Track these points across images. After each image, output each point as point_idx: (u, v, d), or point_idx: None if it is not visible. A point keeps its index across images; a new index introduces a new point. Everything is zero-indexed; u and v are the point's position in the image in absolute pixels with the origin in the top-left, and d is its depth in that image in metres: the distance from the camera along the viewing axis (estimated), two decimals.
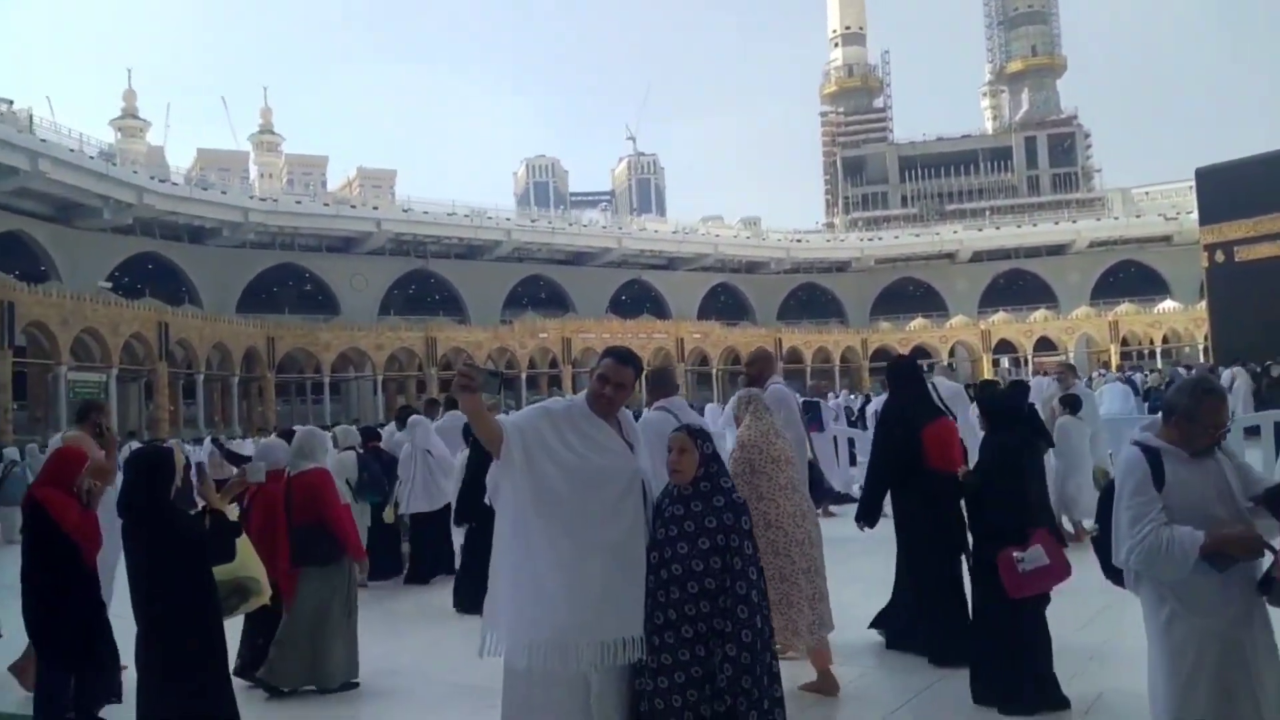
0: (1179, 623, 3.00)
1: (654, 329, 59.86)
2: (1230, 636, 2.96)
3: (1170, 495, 2.99)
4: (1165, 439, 3.07)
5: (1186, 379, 3.20)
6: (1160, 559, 2.92)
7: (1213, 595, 2.96)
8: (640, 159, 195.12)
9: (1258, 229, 24.46)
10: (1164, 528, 2.93)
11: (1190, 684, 2.97)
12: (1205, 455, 3.05)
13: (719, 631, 3.12)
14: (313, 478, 5.75)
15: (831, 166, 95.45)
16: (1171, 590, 3.01)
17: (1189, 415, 3.02)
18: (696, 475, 3.25)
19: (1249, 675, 2.96)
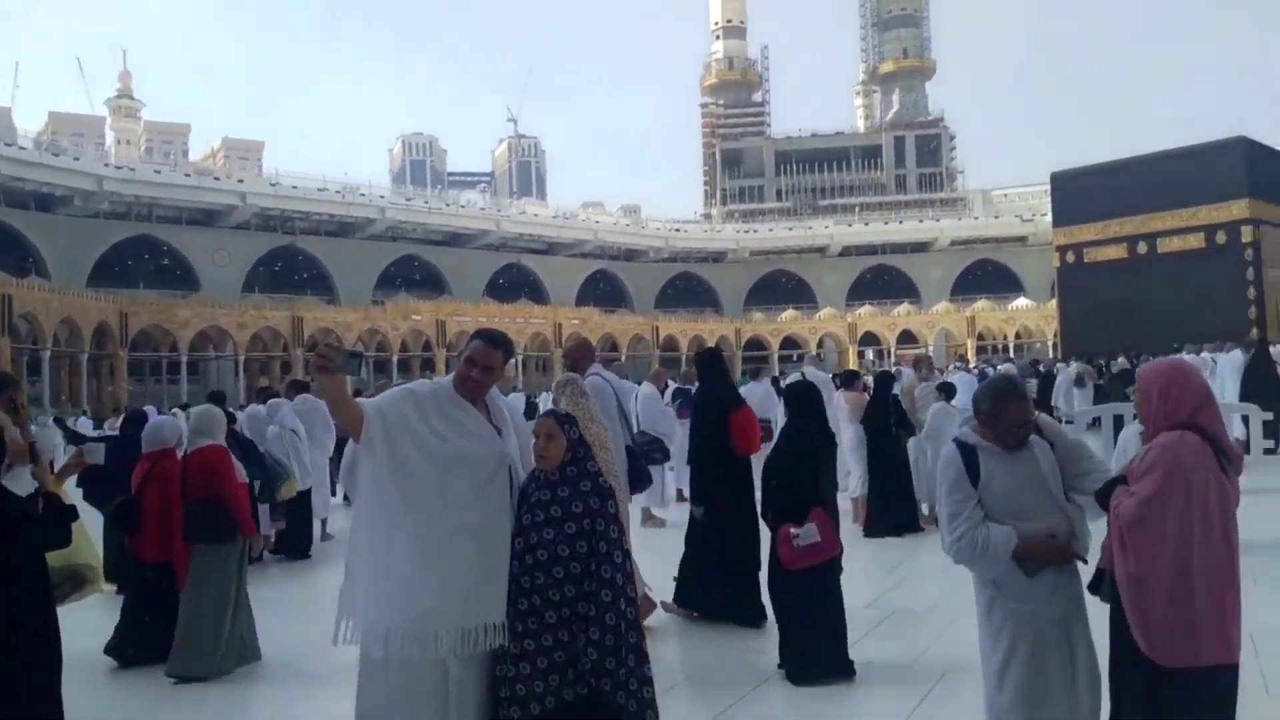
0: (998, 606, 3.18)
1: (531, 314, 59.50)
2: (1045, 620, 3.12)
3: (986, 488, 3.14)
4: (981, 436, 3.21)
5: (989, 381, 3.33)
6: (975, 557, 3.09)
7: (1028, 582, 3.12)
8: (521, 141, 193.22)
9: (1106, 232, 25.99)
10: (979, 527, 3.09)
11: (1006, 664, 3.13)
12: (1019, 448, 3.19)
13: (583, 615, 3.12)
14: (209, 455, 5.71)
15: (710, 158, 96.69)
16: (999, 580, 3.16)
17: (994, 416, 3.17)
18: (563, 460, 3.23)
19: (1063, 658, 3.12)
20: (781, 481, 5.10)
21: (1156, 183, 24.63)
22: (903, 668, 5.21)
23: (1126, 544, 2.84)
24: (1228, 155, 23.91)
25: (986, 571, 3.15)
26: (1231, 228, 23.65)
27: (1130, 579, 2.84)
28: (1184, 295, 23.29)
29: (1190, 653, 2.75)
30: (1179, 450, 2.81)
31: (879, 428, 9.45)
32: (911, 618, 6.27)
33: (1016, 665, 3.11)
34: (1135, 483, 2.88)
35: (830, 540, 4.85)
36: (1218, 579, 2.77)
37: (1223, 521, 2.79)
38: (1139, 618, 2.82)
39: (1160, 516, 2.79)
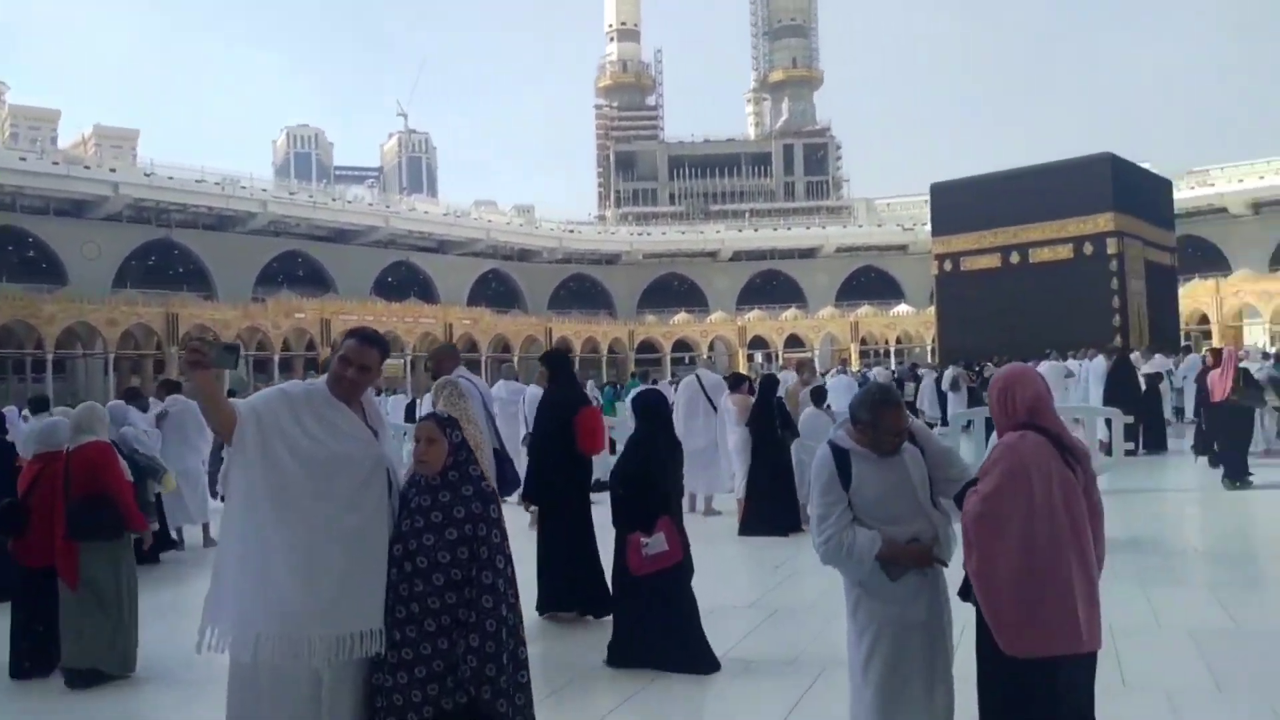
0: (863, 606, 3.27)
1: (421, 313, 58.33)
2: (907, 622, 3.21)
3: (857, 492, 3.22)
4: (856, 441, 3.29)
5: (865, 390, 3.41)
6: (841, 559, 3.18)
7: (892, 584, 3.21)
8: (412, 136, 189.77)
9: (981, 242, 27.03)
10: (846, 531, 3.17)
11: (868, 662, 3.23)
12: (891, 454, 3.27)
13: (463, 622, 3.07)
14: (91, 451, 5.59)
15: (605, 160, 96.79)
16: (865, 581, 3.25)
17: (871, 424, 3.25)
18: (445, 465, 3.15)
19: (924, 661, 3.22)
20: (630, 489, 5.25)
21: (1028, 195, 25.75)
22: (784, 664, 5.30)
23: (971, 540, 2.95)
24: (1094, 170, 25.17)
25: (851, 573, 3.23)
26: (1098, 239, 24.89)
27: (977, 574, 2.94)
28: (1054, 303, 24.40)
29: (1040, 643, 2.84)
30: (1019, 448, 2.93)
31: (763, 430, 9.61)
32: (792, 615, 6.39)
33: (877, 664, 3.20)
34: (980, 482, 3.00)
35: (675, 548, 5.07)
36: (1064, 570, 2.86)
37: (1068, 514, 2.90)
38: (989, 611, 2.92)
39: (1002, 512, 2.89)
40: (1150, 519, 9.42)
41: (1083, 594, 2.89)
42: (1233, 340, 48.61)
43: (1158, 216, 28.26)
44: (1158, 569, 7.25)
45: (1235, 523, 9.59)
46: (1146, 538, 8.45)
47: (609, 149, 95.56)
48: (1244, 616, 5.85)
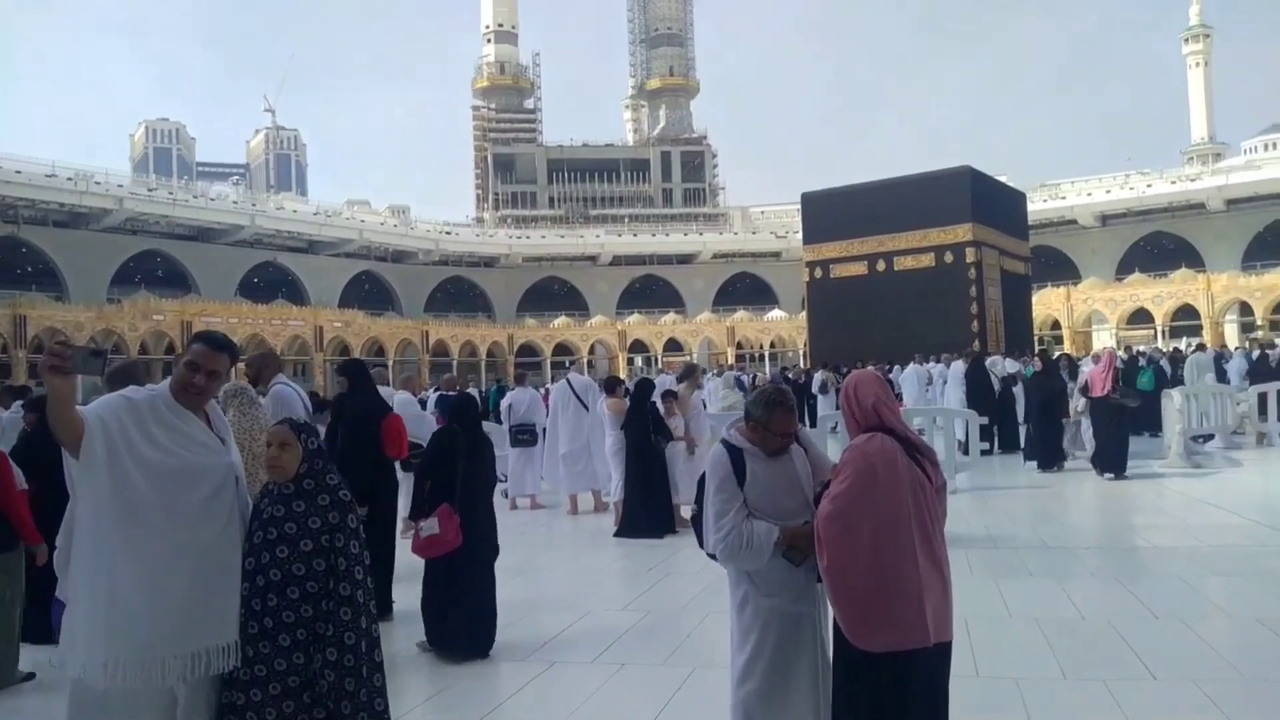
0: (751, 602, 3.32)
1: (289, 315, 56.34)
2: (792, 613, 3.30)
3: (750, 489, 3.29)
4: (748, 439, 3.37)
5: (761, 390, 3.50)
6: (741, 551, 3.22)
7: (780, 577, 3.28)
8: (280, 133, 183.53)
9: (849, 250, 27.89)
10: (745, 523, 3.22)
11: (755, 657, 3.29)
12: (781, 453, 3.38)
13: (321, 635, 2.97)
14: None
15: (482, 161, 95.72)
16: (747, 573, 3.32)
17: (764, 424, 3.34)
18: (299, 472, 3.05)
19: (811, 654, 3.32)
20: (425, 482, 5.70)
21: (893, 206, 26.74)
22: (658, 664, 5.35)
23: (823, 539, 3.04)
24: (954, 183, 26.34)
25: (750, 564, 3.25)
26: (957, 249, 26.04)
27: (829, 571, 3.03)
28: (917, 309, 25.40)
29: (890, 638, 2.95)
30: (867, 449, 3.05)
31: (638, 433, 9.69)
32: (666, 617, 6.46)
33: (764, 659, 3.26)
34: (832, 483, 3.11)
35: (452, 534, 5.36)
36: (912, 567, 2.97)
37: (917, 511, 3.01)
38: (841, 607, 3.02)
39: (851, 511, 3.00)
40: (1004, 515, 9.90)
41: (932, 589, 3.00)
42: (1081, 345, 51.65)
43: (1013, 227, 29.76)
44: (1010, 562, 7.63)
45: (1083, 518, 10.18)
46: (1000, 533, 8.89)
47: (487, 151, 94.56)
48: (1088, 607, 6.21)
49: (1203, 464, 13.29)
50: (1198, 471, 12.68)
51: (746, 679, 3.29)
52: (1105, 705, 4.40)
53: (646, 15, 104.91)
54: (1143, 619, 5.81)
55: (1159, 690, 4.59)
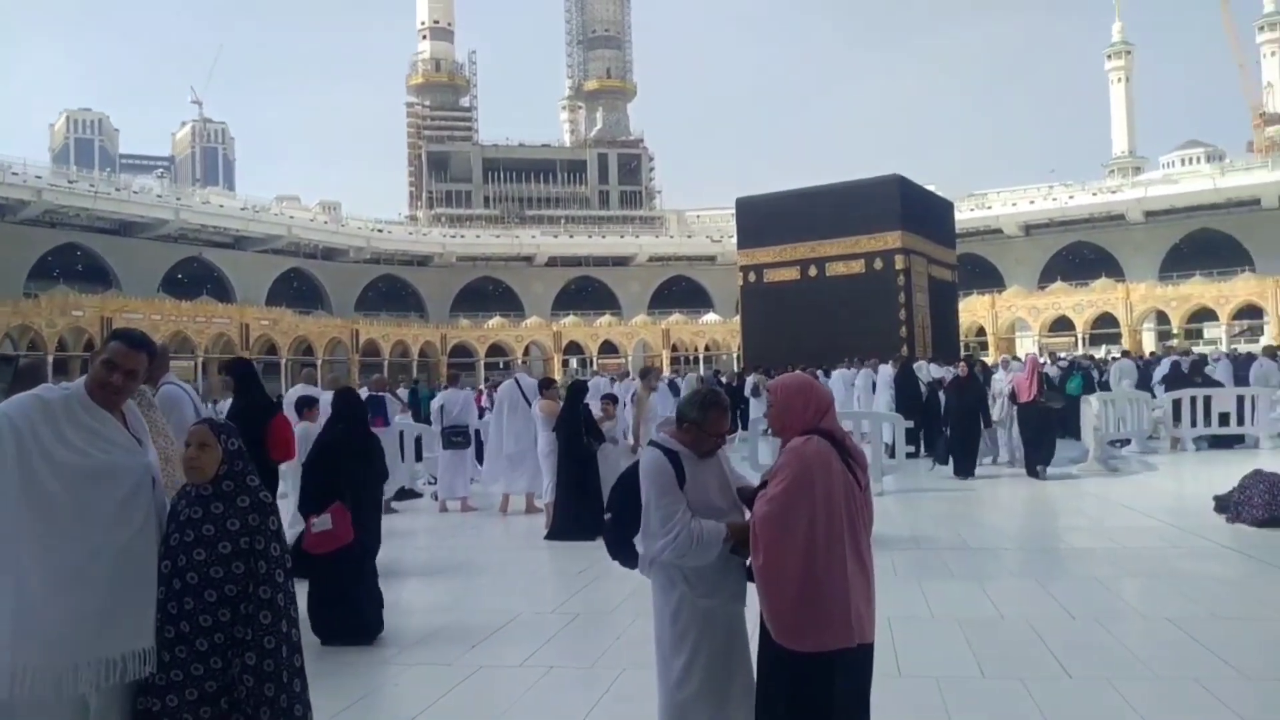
0: (686, 606, 3.30)
1: (214, 313, 54.97)
2: (726, 612, 3.33)
3: (689, 492, 3.28)
4: (680, 441, 3.37)
5: (695, 392, 3.50)
6: (694, 549, 3.19)
7: (717, 578, 3.29)
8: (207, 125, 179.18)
9: (782, 255, 28.19)
10: (694, 523, 3.21)
11: (693, 661, 3.27)
12: (709, 455, 3.40)
13: (239, 640, 2.90)
14: None
15: (417, 159, 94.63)
16: (683, 575, 3.29)
17: (699, 424, 3.35)
18: (218, 473, 2.97)
19: (741, 649, 3.36)
20: (314, 479, 5.90)
21: (825, 212, 27.11)
22: (585, 667, 5.34)
23: (760, 539, 3.07)
24: (884, 191, 26.80)
25: (699, 560, 3.23)
26: (887, 255, 26.49)
27: (763, 570, 3.06)
28: (848, 315, 25.78)
29: (818, 638, 2.99)
30: (804, 451, 3.08)
31: (570, 435, 9.66)
32: (596, 619, 6.45)
33: (703, 662, 3.26)
34: (769, 484, 3.14)
35: (344, 530, 5.58)
36: (842, 568, 3.02)
37: (848, 514, 3.06)
38: (773, 608, 3.06)
39: (788, 512, 3.03)
40: (928, 517, 10.10)
41: (859, 591, 3.05)
42: (1005, 350, 52.98)
43: (941, 235, 30.39)
44: (933, 564, 7.79)
45: (1004, 520, 10.43)
46: (924, 535, 9.07)
47: (421, 149, 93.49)
48: (1007, 607, 6.36)
49: (1119, 468, 13.72)
50: (1114, 475, 13.09)
51: (685, 683, 3.27)
52: (1023, 704, 4.51)
53: (584, 16, 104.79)
54: (1060, 619, 5.97)
55: (1074, 689, 4.72)
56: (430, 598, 7.45)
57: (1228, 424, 15.47)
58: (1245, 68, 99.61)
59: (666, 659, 3.34)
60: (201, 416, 5.56)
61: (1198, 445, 15.65)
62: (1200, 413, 15.58)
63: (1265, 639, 5.48)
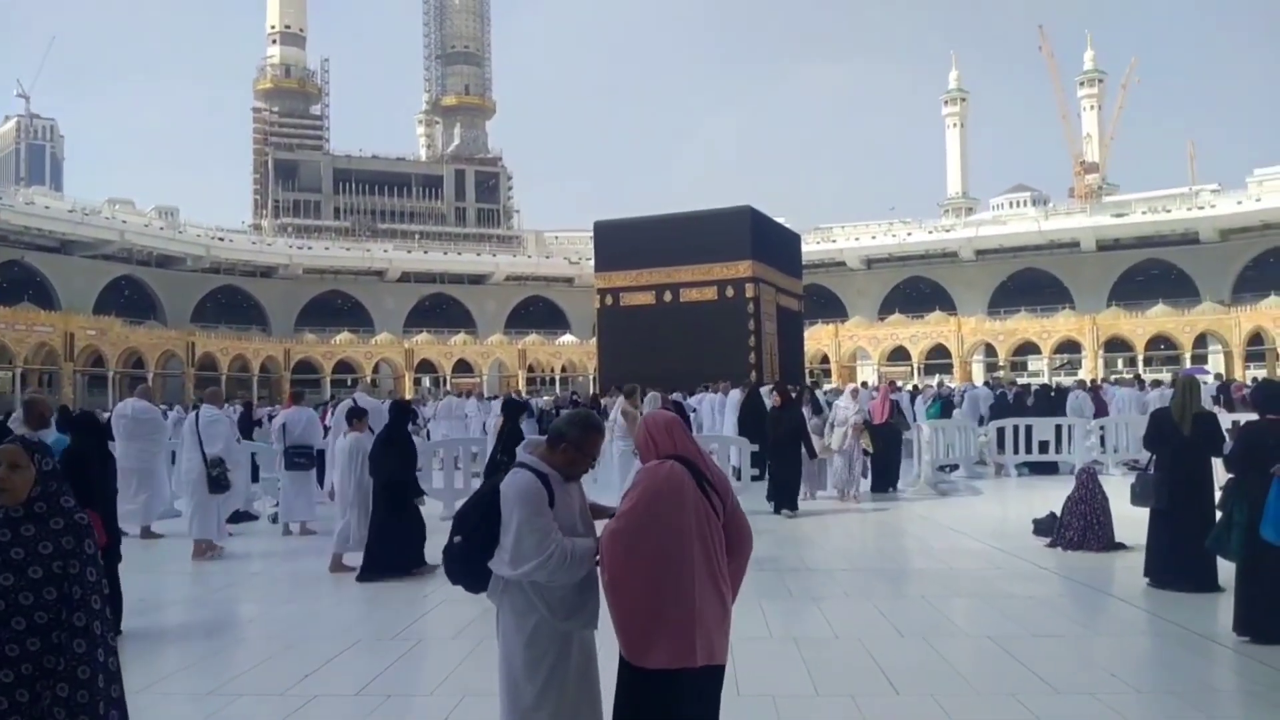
0: (545, 628, 3.27)
1: (36, 320, 51.21)
2: (581, 636, 3.36)
3: (556, 514, 3.25)
4: (550, 463, 3.34)
5: (574, 413, 3.52)
6: (565, 567, 3.18)
7: (575, 600, 3.30)
8: (35, 121, 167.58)
9: (639, 280, 28.49)
10: (566, 541, 3.21)
11: (549, 683, 3.25)
12: (575, 478, 3.42)
13: (50, 670, 2.69)
14: None
15: (262, 166, 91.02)
16: (543, 598, 3.26)
17: (577, 445, 3.35)
18: (31, 495, 2.78)
19: (591, 670, 3.38)
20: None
21: (680, 239, 27.62)
22: (424, 695, 5.22)
23: (606, 556, 3.13)
24: (736, 221, 27.52)
25: (568, 579, 3.22)
26: (738, 284, 27.18)
27: (609, 586, 3.12)
28: (700, 340, 26.27)
29: (663, 656, 3.05)
30: (656, 473, 3.16)
31: None
32: (437, 645, 6.33)
33: (556, 685, 3.25)
34: (621, 502, 3.21)
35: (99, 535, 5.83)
36: (690, 589, 3.07)
37: (700, 537, 3.12)
38: (618, 623, 3.11)
39: (635, 531, 3.09)
40: (769, 539, 10.37)
41: (710, 612, 3.11)
42: (848, 379, 55.13)
43: (789, 266, 31.44)
44: (773, 584, 8.00)
45: (840, 541, 10.81)
46: (765, 555, 9.30)
47: (268, 156, 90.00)
48: (841, 625, 6.60)
49: (947, 491, 14.48)
50: (942, 498, 13.81)
51: (538, 708, 3.25)
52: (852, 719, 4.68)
53: (443, 31, 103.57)
54: (889, 637, 6.24)
55: (901, 704, 4.93)
56: (264, 625, 7.13)
57: (1046, 451, 16.56)
58: (1068, 119, 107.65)
59: (517, 683, 3.29)
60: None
61: (1019, 471, 16.68)
62: (1021, 441, 16.62)
63: (1077, 655, 5.88)
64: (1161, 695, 5.11)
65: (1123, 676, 5.33)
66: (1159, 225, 68.87)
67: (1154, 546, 7.54)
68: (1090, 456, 16.33)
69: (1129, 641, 6.24)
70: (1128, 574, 8.08)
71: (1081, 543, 9.31)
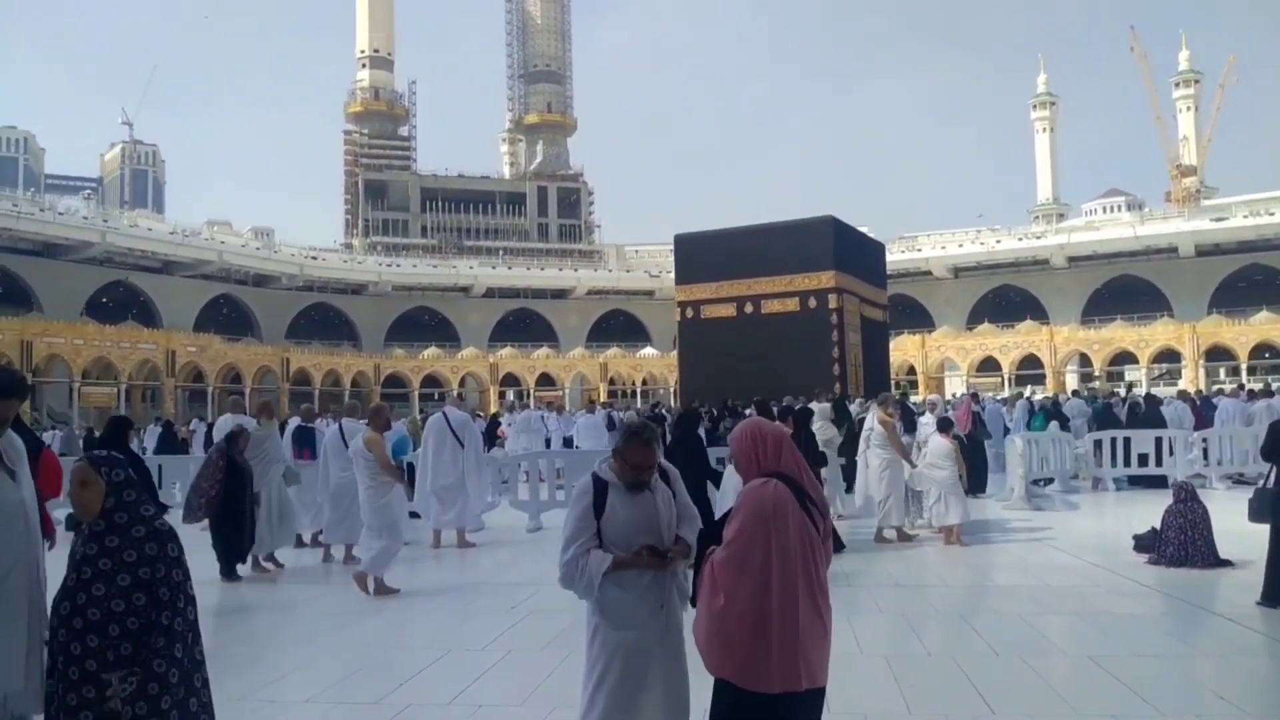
0: (600, 633, 3.38)
1: (140, 338, 53.58)
2: (640, 648, 3.36)
3: (608, 522, 3.37)
4: (616, 473, 3.44)
5: (628, 423, 3.58)
6: (575, 578, 3.32)
7: (629, 610, 3.36)
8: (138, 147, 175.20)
9: (719, 292, 28.46)
10: (584, 554, 3.32)
11: (599, 686, 3.35)
12: (641, 489, 3.44)
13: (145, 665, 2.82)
14: None
15: (353, 187, 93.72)
16: (600, 606, 3.38)
17: (620, 454, 3.42)
18: (105, 507, 2.90)
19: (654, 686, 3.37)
20: None
21: (761, 251, 27.49)
22: (515, 705, 5.26)
23: (717, 582, 3.08)
24: (819, 231, 27.28)
25: (582, 593, 3.35)
26: (821, 294, 26.91)
27: (721, 614, 3.06)
28: (783, 352, 26.06)
29: (770, 680, 2.99)
30: (762, 494, 3.09)
31: None
32: (527, 655, 6.38)
33: (607, 691, 3.32)
34: (726, 526, 3.15)
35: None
36: (795, 613, 3.02)
37: (804, 560, 3.06)
38: (726, 648, 3.05)
39: (743, 555, 3.04)
40: (856, 553, 10.22)
41: (813, 635, 3.06)
42: (935, 390, 54.02)
43: (872, 276, 31.00)
44: (862, 600, 7.87)
45: (931, 556, 10.58)
46: (854, 570, 9.16)
47: (358, 176, 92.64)
48: (934, 643, 6.46)
49: (1042, 506, 14.05)
50: (1038, 513, 13.40)
51: (591, 709, 3.34)
52: None
53: (526, 51, 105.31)
54: (985, 656, 6.08)
55: None
56: (357, 635, 7.29)
57: (1146, 465, 15.94)
58: (1163, 121, 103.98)
59: (583, 683, 3.42)
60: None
61: (1118, 484, 16.11)
62: (1120, 453, 16.05)
63: (1181, 677, 5.64)
64: (1271, 717, 4.87)
65: (1231, 699, 5.09)
66: (1261, 229, 65.91)
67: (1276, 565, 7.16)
68: (1192, 470, 15.70)
69: (1236, 662, 5.96)
70: (1233, 591, 7.73)
71: (1184, 559, 8.95)
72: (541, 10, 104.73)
